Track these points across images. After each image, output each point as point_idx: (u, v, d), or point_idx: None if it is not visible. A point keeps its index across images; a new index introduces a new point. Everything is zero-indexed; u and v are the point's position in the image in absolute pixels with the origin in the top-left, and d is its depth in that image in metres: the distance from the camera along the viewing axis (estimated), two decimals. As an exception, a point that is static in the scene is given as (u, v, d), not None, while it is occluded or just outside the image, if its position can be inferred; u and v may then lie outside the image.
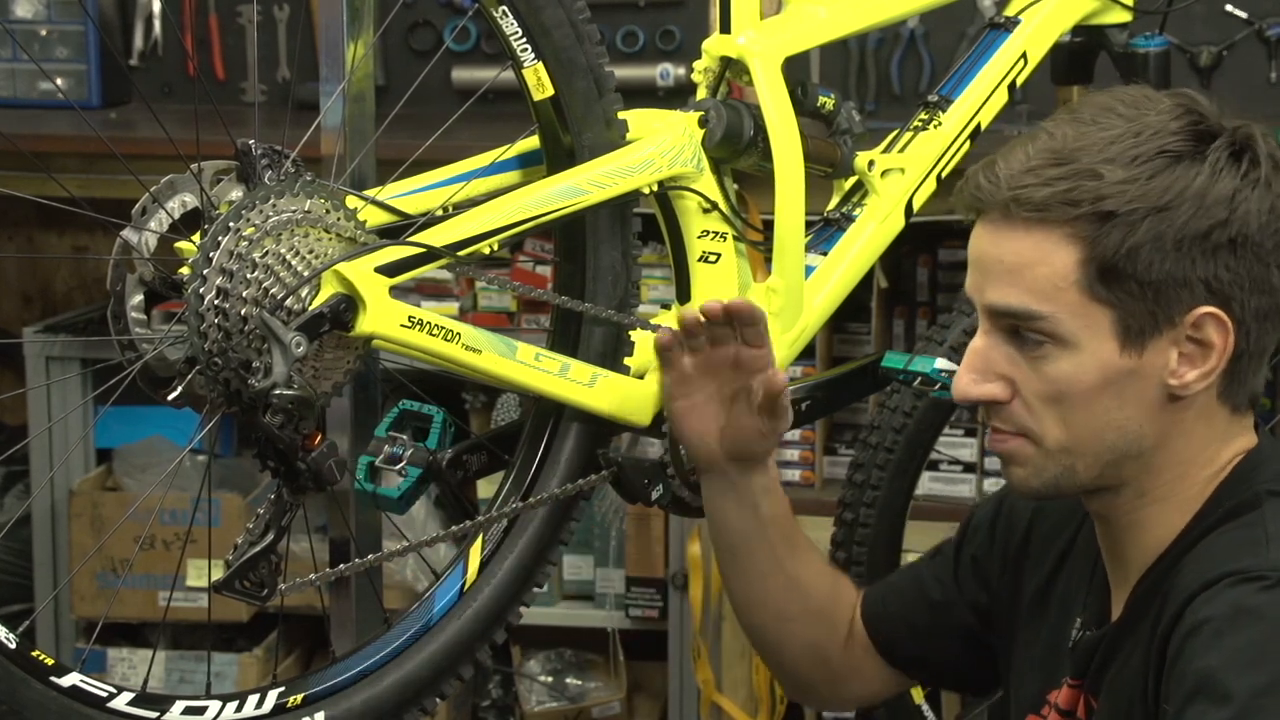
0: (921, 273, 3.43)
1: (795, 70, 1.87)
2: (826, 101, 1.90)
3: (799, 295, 1.88)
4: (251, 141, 1.53)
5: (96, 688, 1.47)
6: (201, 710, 1.52)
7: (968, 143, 2.02)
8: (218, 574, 1.52)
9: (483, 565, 1.69)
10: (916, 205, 1.98)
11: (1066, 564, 1.69)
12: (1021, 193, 1.46)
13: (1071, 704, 1.61)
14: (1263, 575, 1.40)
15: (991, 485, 3.26)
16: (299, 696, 1.57)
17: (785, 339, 1.87)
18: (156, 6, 3.77)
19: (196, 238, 1.50)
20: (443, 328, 1.58)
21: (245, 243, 1.47)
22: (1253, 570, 1.41)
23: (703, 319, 1.68)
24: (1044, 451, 1.52)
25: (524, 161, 1.72)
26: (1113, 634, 1.56)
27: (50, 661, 1.46)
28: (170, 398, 1.52)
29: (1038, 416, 1.51)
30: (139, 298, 1.53)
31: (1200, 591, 1.42)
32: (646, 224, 1.81)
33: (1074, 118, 1.50)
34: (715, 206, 1.79)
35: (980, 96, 2.02)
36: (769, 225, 1.86)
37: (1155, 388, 1.48)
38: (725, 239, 1.81)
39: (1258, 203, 1.46)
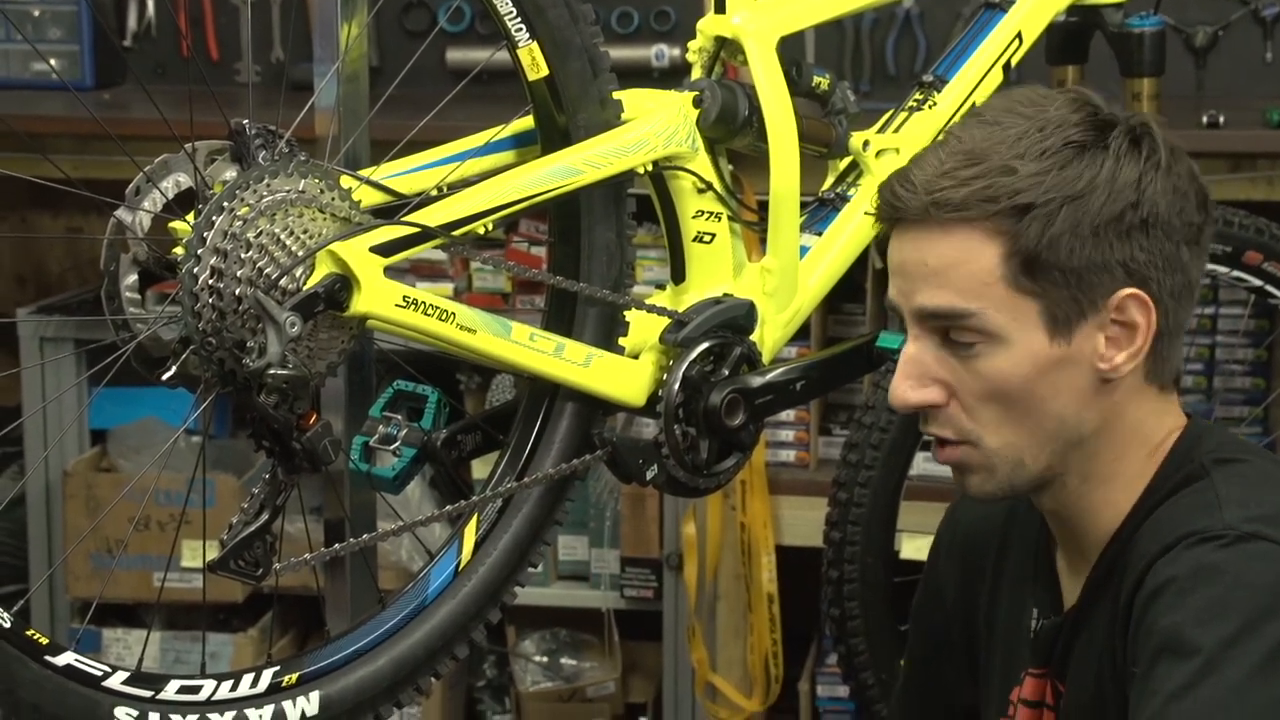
0: (916, 253, 3.42)
1: (790, 50, 1.87)
2: (821, 81, 1.90)
3: (793, 275, 1.88)
4: (245, 121, 1.53)
5: (91, 667, 1.47)
6: (196, 689, 1.52)
7: (962, 123, 2.01)
8: (212, 554, 1.52)
9: (477, 545, 1.69)
10: (911, 185, 1.98)
11: (1006, 567, 1.73)
12: (940, 195, 1.50)
13: (1038, 693, 1.63)
14: (1219, 534, 1.45)
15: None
16: (294, 676, 1.57)
17: (780, 319, 1.87)
18: (150, -13, 3.77)
19: (191, 217, 1.50)
20: (437, 307, 1.58)
21: (240, 222, 1.47)
22: (1209, 530, 1.46)
23: None
24: (988, 452, 1.55)
25: (518, 142, 1.72)
26: (1074, 616, 1.59)
27: (45, 641, 1.46)
28: (164, 378, 1.51)
29: (976, 417, 1.54)
30: (133, 278, 1.53)
31: (1160, 555, 1.47)
32: (642, 204, 1.81)
33: (979, 120, 1.55)
34: (710, 187, 1.78)
35: (975, 76, 2.02)
36: (764, 206, 1.86)
37: (1087, 373, 1.53)
38: (720, 219, 1.81)
39: (1162, 184, 1.51)
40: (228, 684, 1.53)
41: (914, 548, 2.99)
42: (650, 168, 1.74)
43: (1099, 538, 1.58)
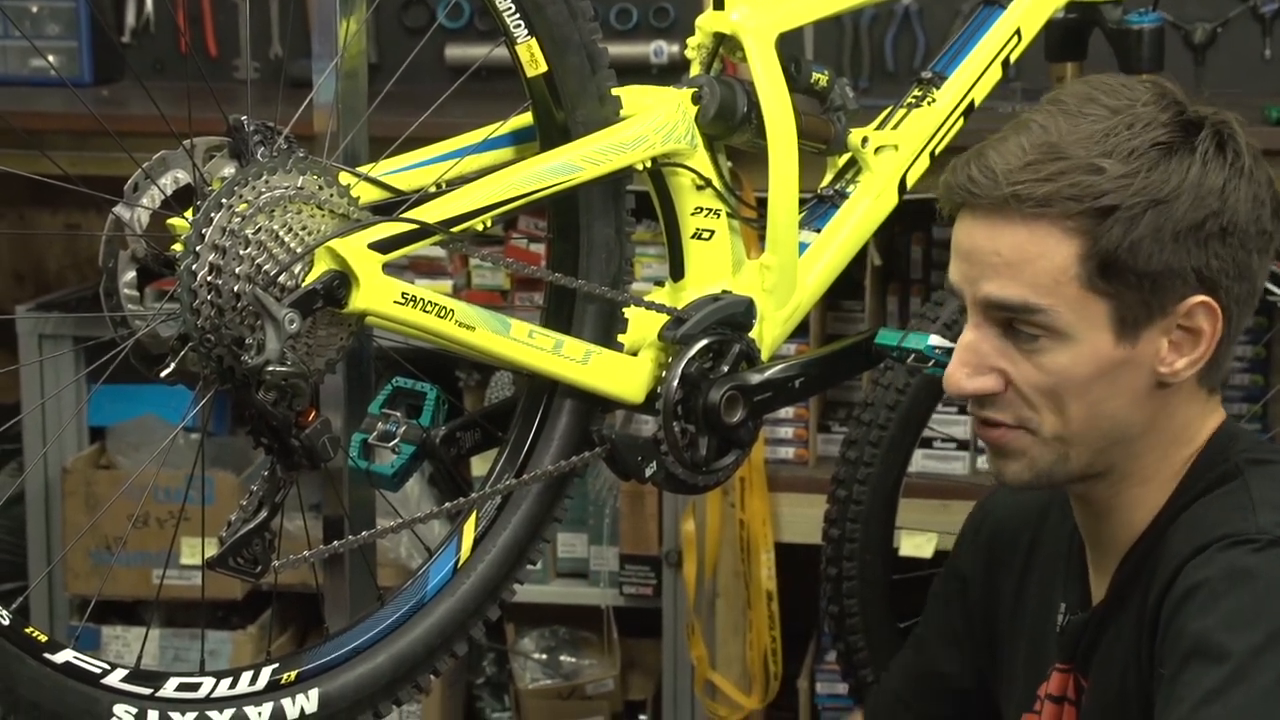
0: (915, 250, 3.42)
1: (789, 47, 1.87)
2: (820, 78, 1.90)
3: (792, 272, 1.88)
4: (244, 118, 1.53)
5: (90, 664, 1.47)
6: (195, 687, 1.52)
7: (961, 119, 2.01)
8: (211, 551, 1.52)
9: (476, 542, 1.69)
10: (910, 182, 1.98)
11: (1035, 563, 1.72)
12: (1022, 189, 1.47)
13: (1062, 688, 1.62)
14: (1253, 538, 1.44)
15: (985, 462, 3.26)
16: (293, 673, 1.57)
17: (778, 316, 1.87)
18: (148, -17, 3.77)
19: (189, 214, 1.49)
20: (436, 304, 1.58)
21: (238, 219, 1.47)
22: (1243, 534, 1.45)
23: None
24: (1040, 440, 1.54)
25: (517, 138, 1.72)
26: (1100, 612, 1.58)
27: (44, 638, 1.46)
28: (163, 375, 1.51)
29: (1034, 407, 1.52)
30: (131, 274, 1.53)
31: (1192, 557, 1.45)
32: (641, 201, 1.81)
33: (1061, 108, 1.51)
34: (709, 183, 1.78)
35: (974, 73, 2.02)
36: (763, 202, 1.86)
37: (1146, 376, 1.51)
38: (719, 216, 1.81)
39: (1245, 191, 1.49)
40: (227, 681, 1.53)
41: (913, 545, 3.00)
42: (649, 164, 1.74)
43: (1130, 534, 1.57)
